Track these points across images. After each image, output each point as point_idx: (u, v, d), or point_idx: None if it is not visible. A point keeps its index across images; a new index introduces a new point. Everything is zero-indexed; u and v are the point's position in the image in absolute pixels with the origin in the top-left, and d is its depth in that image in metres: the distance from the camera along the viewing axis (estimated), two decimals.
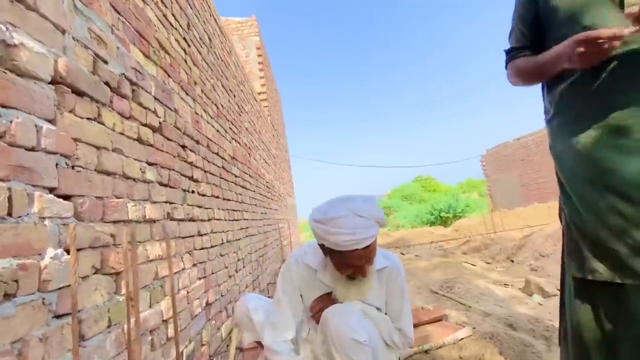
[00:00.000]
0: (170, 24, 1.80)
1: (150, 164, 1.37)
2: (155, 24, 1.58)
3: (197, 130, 2.00)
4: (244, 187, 3.10)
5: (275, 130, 6.62)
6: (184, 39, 1.98)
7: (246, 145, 3.51)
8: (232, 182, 2.71)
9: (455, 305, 2.23)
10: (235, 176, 2.84)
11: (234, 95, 3.28)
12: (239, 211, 2.81)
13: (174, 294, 1.03)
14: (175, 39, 1.83)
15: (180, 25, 1.95)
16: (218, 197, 2.26)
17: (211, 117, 2.36)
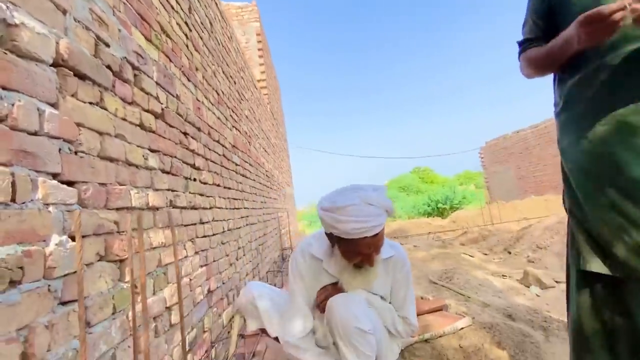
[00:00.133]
0: (172, 7, 1.75)
1: (152, 150, 1.35)
2: (156, 7, 1.54)
3: (199, 117, 1.97)
4: (244, 175, 3.09)
5: (274, 119, 6.57)
6: (186, 23, 1.93)
7: (246, 133, 3.47)
8: (233, 170, 2.69)
9: (454, 296, 2.25)
10: (236, 165, 2.82)
11: (235, 82, 3.23)
12: (240, 200, 2.80)
13: (180, 281, 1.02)
14: (176, 22, 1.78)
15: (181, 8, 1.90)
16: (219, 185, 2.24)
17: (212, 104, 2.32)
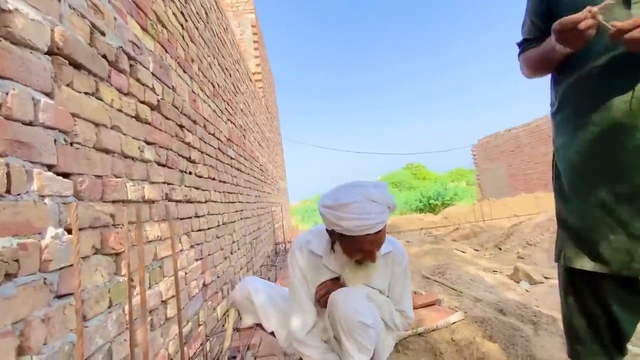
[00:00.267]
0: None
1: (148, 143, 1.33)
2: None
3: (194, 110, 1.94)
4: (239, 169, 3.07)
5: (269, 113, 6.52)
6: (182, 13, 1.89)
7: (241, 126, 3.44)
8: (228, 164, 2.67)
9: (446, 291, 2.29)
10: (231, 158, 2.79)
11: (230, 75, 3.19)
12: (234, 194, 2.78)
13: (177, 275, 1.02)
14: (172, 12, 1.74)
15: None
16: (214, 179, 2.22)
17: (208, 96, 2.29)
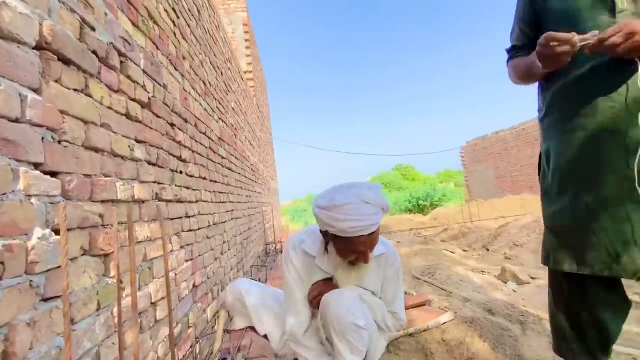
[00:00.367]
0: None
1: (139, 141, 1.30)
2: None
3: (186, 108, 1.91)
4: (230, 169, 3.04)
5: (260, 112, 6.48)
6: (173, 10, 1.86)
7: (232, 126, 3.41)
8: (219, 163, 2.64)
9: (436, 291, 2.31)
10: (222, 158, 2.76)
11: (222, 73, 3.15)
12: (225, 193, 2.75)
13: (168, 276, 1.00)
14: (164, 8, 1.71)
15: None
16: (205, 178, 2.20)
17: (199, 95, 2.26)
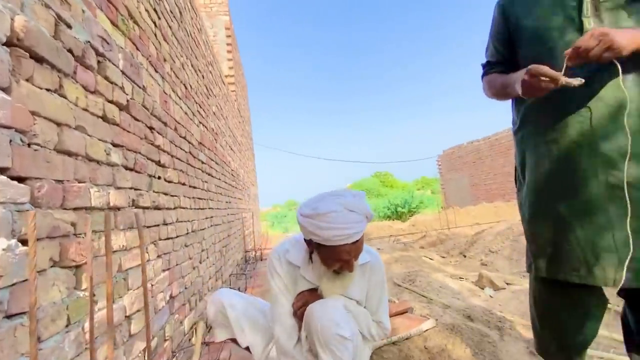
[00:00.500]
0: None
1: (115, 145, 1.24)
2: None
3: (165, 111, 1.85)
4: (210, 174, 2.96)
5: (241, 117, 6.40)
6: (155, 10, 1.81)
7: (213, 130, 3.34)
8: (199, 168, 2.57)
9: (417, 298, 2.34)
10: (202, 162, 2.69)
11: (203, 77, 3.09)
12: (205, 200, 2.68)
13: (146, 287, 0.95)
14: (145, 8, 1.66)
15: None
16: (184, 184, 2.13)
17: (179, 97, 2.20)
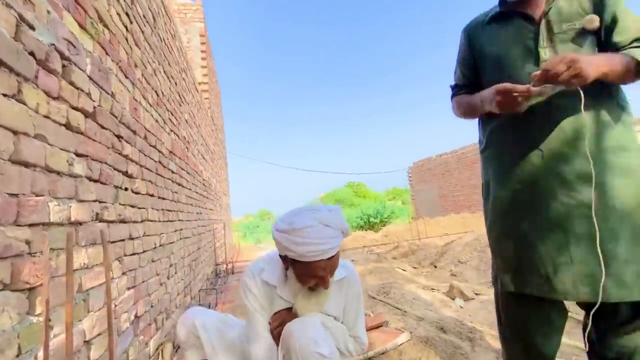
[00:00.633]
0: None
1: (79, 155, 1.16)
2: None
3: (135, 119, 1.76)
4: (180, 184, 2.85)
5: (214, 125, 6.25)
6: (127, 14, 1.74)
7: (185, 138, 3.23)
8: (169, 179, 2.46)
9: (392, 310, 2.35)
10: (172, 172, 2.58)
11: (176, 84, 2.99)
12: (174, 211, 2.56)
13: (110, 308, 0.87)
14: (116, 12, 1.59)
15: None
16: (153, 195, 2.02)
17: (150, 105, 2.11)
